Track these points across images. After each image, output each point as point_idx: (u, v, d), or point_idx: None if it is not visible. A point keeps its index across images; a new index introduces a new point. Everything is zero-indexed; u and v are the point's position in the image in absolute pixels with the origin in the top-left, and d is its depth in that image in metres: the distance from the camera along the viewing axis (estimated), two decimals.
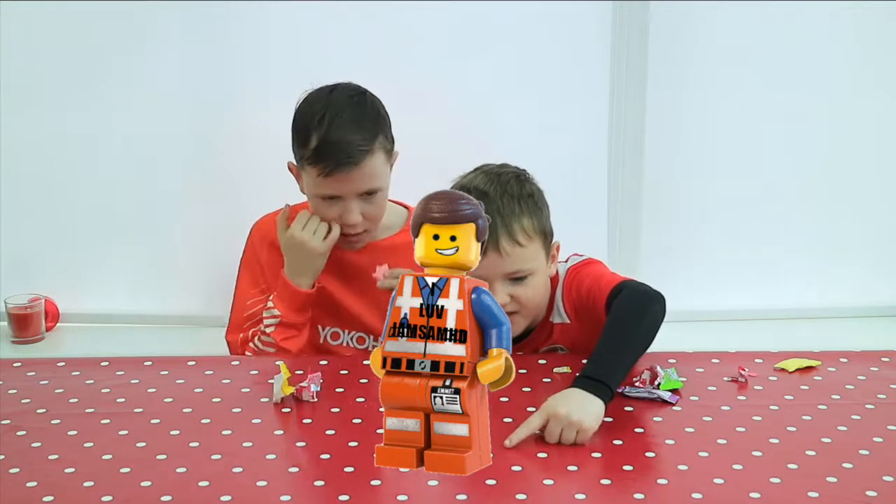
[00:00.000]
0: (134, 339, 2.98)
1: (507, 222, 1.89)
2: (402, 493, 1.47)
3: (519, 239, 1.89)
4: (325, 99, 2.13)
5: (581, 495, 1.47)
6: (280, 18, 2.86)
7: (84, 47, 2.89)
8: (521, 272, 1.91)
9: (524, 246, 1.90)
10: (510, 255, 1.88)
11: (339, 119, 2.08)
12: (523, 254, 1.90)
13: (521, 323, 1.97)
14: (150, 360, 1.95)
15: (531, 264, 1.92)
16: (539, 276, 1.95)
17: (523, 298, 1.92)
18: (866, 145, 3.03)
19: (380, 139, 2.12)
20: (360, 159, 2.08)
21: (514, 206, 1.90)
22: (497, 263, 1.88)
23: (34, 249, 3.05)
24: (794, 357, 1.93)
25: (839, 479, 1.52)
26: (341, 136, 2.07)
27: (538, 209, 1.95)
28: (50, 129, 2.95)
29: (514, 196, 1.92)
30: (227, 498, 1.46)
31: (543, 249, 1.95)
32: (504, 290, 1.91)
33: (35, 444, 1.63)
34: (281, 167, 2.39)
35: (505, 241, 1.88)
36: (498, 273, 1.89)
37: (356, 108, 2.12)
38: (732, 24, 2.92)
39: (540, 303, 1.98)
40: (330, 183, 2.10)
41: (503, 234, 1.87)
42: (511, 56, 2.92)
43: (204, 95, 2.93)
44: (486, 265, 1.74)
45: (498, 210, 1.88)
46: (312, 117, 2.10)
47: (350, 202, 2.12)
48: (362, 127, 2.09)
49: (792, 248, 3.08)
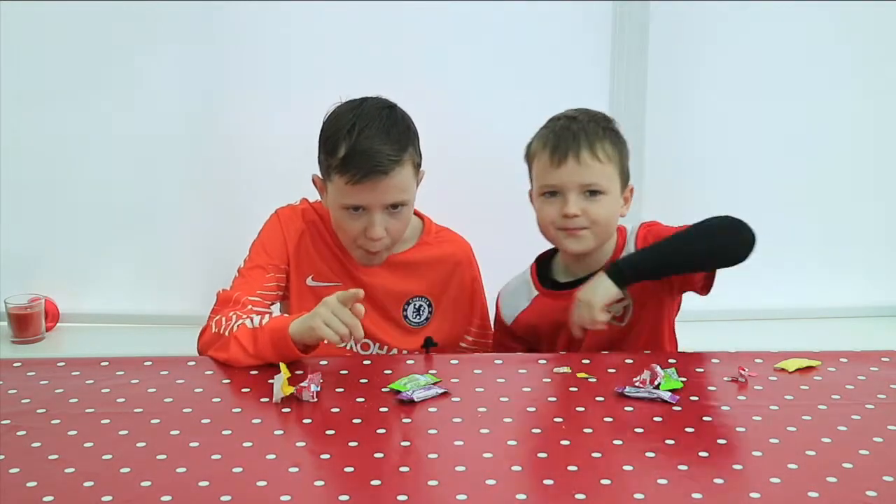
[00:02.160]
0: (134, 339, 2.98)
1: (590, 140, 2.05)
2: (402, 493, 1.47)
3: (598, 155, 2.04)
4: (355, 110, 2.10)
5: (581, 495, 1.47)
6: (280, 19, 2.87)
7: (84, 47, 2.90)
8: (595, 185, 2.04)
9: (602, 162, 2.05)
10: (589, 166, 2.03)
11: (368, 129, 2.06)
12: (601, 169, 2.05)
13: (590, 240, 2.08)
14: (150, 360, 1.95)
15: (605, 183, 2.05)
16: (611, 198, 2.07)
17: (594, 214, 2.05)
18: (867, 145, 3.03)
19: (409, 151, 2.10)
20: (390, 169, 2.05)
21: (598, 131, 2.07)
22: (576, 172, 2.03)
23: (34, 249, 3.05)
24: (794, 357, 1.93)
25: (839, 479, 1.52)
26: (371, 145, 2.04)
27: (620, 143, 2.10)
28: (50, 129, 2.96)
29: (599, 124, 2.09)
30: (227, 498, 1.46)
31: (619, 179, 2.08)
32: (578, 202, 2.04)
33: (35, 444, 1.63)
34: (281, 167, 2.40)
35: (586, 152, 2.04)
36: (574, 183, 2.04)
37: (386, 120, 2.09)
38: (732, 24, 2.92)
39: (608, 225, 2.08)
40: (357, 192, 2.06)
41: (584, 147, 2.04)
42: (511, 56, 2.92)
43: (204, 96, 2.93)
44: (564, 174, 2.04)
45: (583, 129, 2.06)
46: (342, 127, 2.07)
47: (375, 214, 2.08)
48: (392, 138, 2.07)
49: (792, 249, 3.08)
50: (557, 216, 2.06)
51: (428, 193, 2.36)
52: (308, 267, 2.22)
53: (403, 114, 2.15)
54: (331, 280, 2.21)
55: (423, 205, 2.32)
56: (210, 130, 2.96)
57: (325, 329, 1.90)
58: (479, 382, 1.85)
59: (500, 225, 2.90)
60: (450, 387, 1.81)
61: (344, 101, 2.15)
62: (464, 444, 1.62)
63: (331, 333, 1.89)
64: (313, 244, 2.22)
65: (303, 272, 2.22)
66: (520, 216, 2.95)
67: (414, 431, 1.68)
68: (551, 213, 2.07)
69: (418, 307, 2.24)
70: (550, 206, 2.07)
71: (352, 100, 2.14)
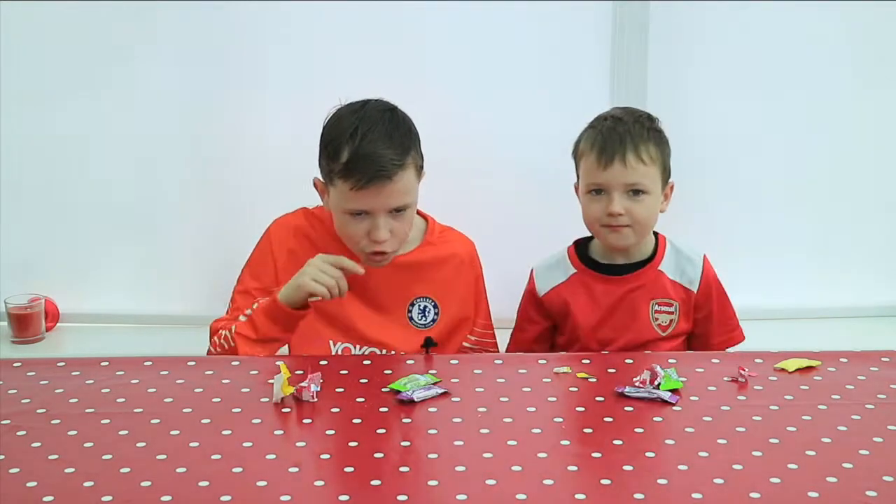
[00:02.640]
0: (134, 339, 2.98)
1: (635, 142, 2.17)
2: (402, 493, 1.47)
3: (643, 157, 2.16)
4: (357, 114, 2.10)
5: (581, 495, 1.47)
6: (281, 19, 2.86)
7: (84, 47, 2.89)
8: (638, 186, 2.16)
9: (647, 164, 2.17)
10: (634, 168, 2.15)
11: (371, 133, 2.05)
12: (645, 171, 2.17)
13: (631, 237, 2.20)
14: (150, 360, 1.95)
15: (649, 183, 2.17)
16: (653, 198, 2.19)
17: (636, 213, 2.17)
18: (867, 145, 3.02)
19: (412, 154, 2.10)
20: (394, 173, 2.05)
21: (643, 133, 2.19)
22: (621, 174, 2.15)
23: (34, 249, 3.04)
24: (794, 357, 1.93)
25: (839, 479, 1.52)
26: (375, 150, 2.04)
27: (663, 143, 2.22)
28: (50, 129, 2.95)
29: (644, 126, 2.21)
30: (227, 498, 1.47)
31: (661, 178, 2.20)
32: (622, 201, 2.16)
33: (35, 444, 1.63)
34: (281, 167, 2.39)
35: (631, 155, 2.15)
36: (620, 183, 2.16)
37: (388, 123, 2.09)
38: (732, 24, 2.92)
39: (649, 223, 2.22)
40: (361, 197, 2.06)
41: (630, 150, 2.15)
42: (511, 56, 2.91)
43: (204, 96, 2.93)
44: (610, 175, 2.17)
45: (628, 131, 2.18)
46: (344, 131, 2.07)
47: (379, 218, 2.08)
48: (395, 142, 2.07)
49: (792, 249, 3.07)
50: (602, 213, 2.18)
51: (429, 194, 2.36)
52: None
53: (405, 116, 2.15)
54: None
55: (424, 206, 2.32)
56: (210, 130, 2.95)
57: (311, 283, 2.00)
58: (479, 382, 1.85)
59: (502, 224, 2.90)
60: (450, 387, 1.81)
61: (344, 105, 2.15)
62: (464, 444, 1.62)
63: (317, 286, 2.00)
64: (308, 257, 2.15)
65: None
66: (521, 215, 2.97)
67: (414, 431, 1.68)
68: (597, 210, 2.19)
69: (423, 308, 2.24)
70: (596, 204, 2.19)
71: (352, 103, 2.14)
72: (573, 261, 2.28)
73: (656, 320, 2.22)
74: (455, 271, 2.27)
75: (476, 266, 2.31)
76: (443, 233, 2.30)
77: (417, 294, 2.23)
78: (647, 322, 2.21)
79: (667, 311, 2.23)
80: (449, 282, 2.26)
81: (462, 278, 2.27)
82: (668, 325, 2.22)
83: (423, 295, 2.24)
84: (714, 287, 2.28)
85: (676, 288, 2.24)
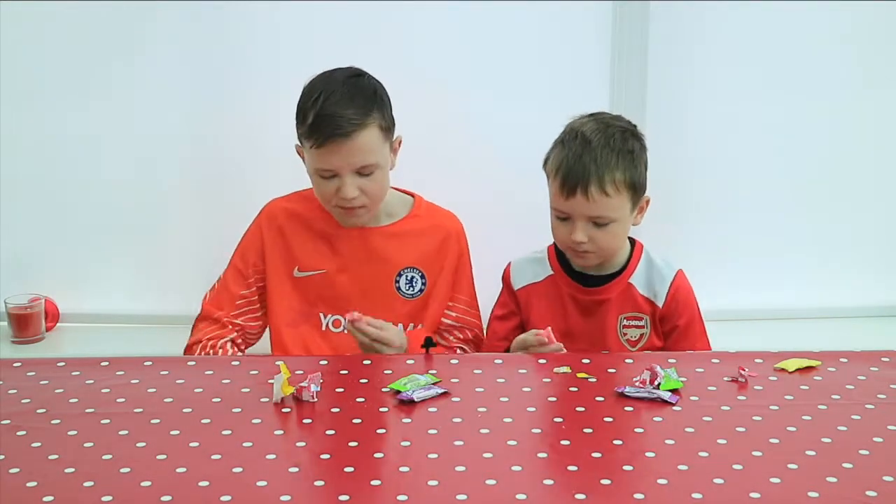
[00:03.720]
0: (134, 339, 2.97)
1: (600, 173, 2.09)
2: (402, 493, 1.47)
3: (607, 189, 2.09)
4: (324, 79, 2.23)
5: (581, 495, 1.47)
6: (280, 19, 2.86)
7: (84, 47, 2.89)
8: (602, 218, 2.12)
9: (610, 196, 2.10)
10: (596, 201, 2.10)
11: (333, 96, 2.17)
12: (608, 203, 2.10)
13: (593, 260, 2.17)
14: (150, 360, 1.95)
15: (614, 214, 2.12)
16: (619, 224, 2.14)
17: (600, 241, 2.13)
18: (866, 145, 3.02)
19: (374, 115, 2.18)
20: (351, 131, 2.14)
21: (610, 159, 2.11)
22: (584, 206, 2.10)
23: (34, 249, 3.04)
24: (794, 357, 1.93)
25: (839, 479, 1.52)
26: (334, 111, 2.15)
27: (633, 165, 2.14)
28: (50, 129, 2.95)
29: (613, 150, 2.12)
30: (227, 498, 1.46)
31: (630, 202, 2.14)
32: (585, 230, 2.12)
33: (35, 444, 1.63)
34: (281, 166, 2.40)
35: (594, 188, 2.09)
36: (583, 214, 2.11)
37: (352, 87, 2.20)
38: (732, 24, 2.92)
39: (613, 248, 2.18)
40: (323, 155, 2.16)
41: (594, 182, 2.09)
42: (511, 56, 2.92)
43: (204, 96, 2.93)
44: (573, 206, 2.11)
45: (594, 160, 2.10)
46: (311, 95, 2.20)
47: (345, 177, 2.17)
48: (355, 102, 2.17)
49: (792, 248, 3.08)
50: (567, 237, 2.15)
51: (428, 192, 2.37)
52: (293, 259, 2.30)
53: (371, 80, 2.26)
54: (318, 268, 2.30)
55: None
56: (210, 130, 2.95)
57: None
58: (479, 382, 1.85)
59: (501, 223, 2.90)
60: (450, 387, 1.81)
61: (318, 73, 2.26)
62: (464, 444, 1.62)
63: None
64: (297, 235, 2.31)
65: (288, 266, 2.30)
66: (520, 213, 2.97)
67: (414, 431, 1.68)
68: (561, 233, 2.17)
69: (410, 278, 2.29)
70: (561, 227, 2.16)
71: (325, 71, 2.26)
72: (552, 262, 2.26)
73: (625, 335, 2.20)
74: (442, 244, 2.34)
75: (461, 241, 2.37)
76: (430, 208, 2.38)
77: (405, 264, 2.29)
78: (614, 336, 2.20)
79: (636, 325, 2.20)
80: (435, 252, 2.33)
81: (448, 251, 2.34)
82: (637, 339, 2.20)
83: (410, 265, 2.28)
84: (682, 303, 2.21)
85: (646, 301, 2.21)
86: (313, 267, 2.29)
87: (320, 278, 2.29)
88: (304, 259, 2.30)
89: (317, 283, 2.29)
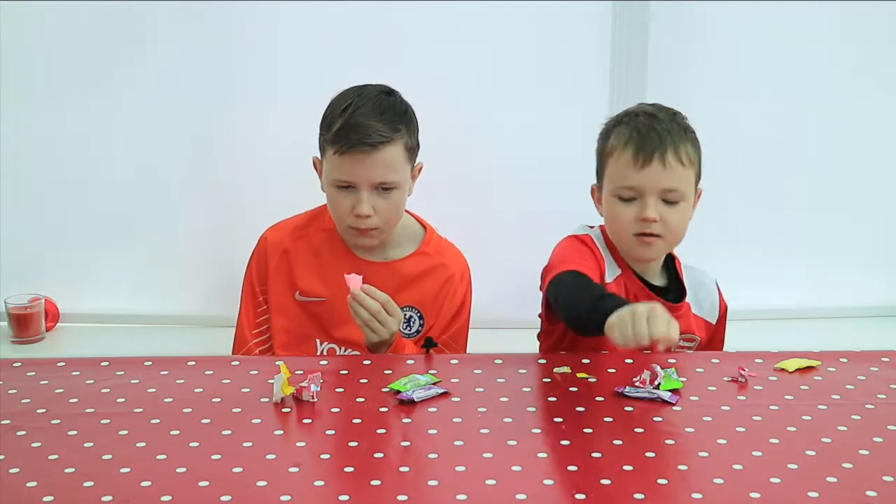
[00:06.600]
0: (134, 339, 2.98)
1: (675, 141, 1.99)
2: (402, 493, 1.47)
3: (682, 158, 2.00)
4: (356, 92, 2.20)
5: (581, 495, 1.47)
6: (281, 19, 2.86)
7: (84, 47, 2.89)
8: (675, 193, 2.00)
9: (685, 166, 2.00)
10: (673, 169, 1.98)
11: (364, 107, 2.15)
12: (683, 174, 2.00)
13: (662, 249, 2.05)
14: (150, 360, 1.95)
15: (685, 187, 2.01)
16: (686, 206, 2.03)
17: (670, 221, 2.00)
18: (866, 145, 3.03)
19: (402, 132, 2.16)
20: (378, 142, 2.12)
21: (681, 132, 2.02)
22: (660, 175, 1.98)
23: (34, 249, 3.05)
24: (794, 357, 1.93)
25: (839, 479, 1.52)
26: (363, 121, 2.13)
27: (698, 144, 2.06)
28: (50, 129, 2.95)
29: (681, 125, 2.04)
30: (227, 498, 1.46)
31: (694, 182, 2.05)
32: (657, 207, 1.99)
33: (35, 444, 1.63)
34: (281, 167, 2.39)
35: (671, 156, 1.98)
36: (655, 186, 1.99)
37: (383, 102, 2.18)
38: (732, 24, 2.92)
39: (679, 234, 2.05)
40: (345, 164, 2.13)
41: (670, 150, 1.98)
42: (511, 56, 2.92)
43: (204, 96, 2.93)
44: (646, 177, 1.98)
45: (668, 130, 2.00)
46: (340, 105, 2.17)
47: (363, 192, 2.14)
48: (385, 117, 2.15)
49: (792, 249, 3.08)
50: (634, 220, 2.00)
51: (428, 193, 2.36)
52: (295, 283, 2.26)
53: (403, 100, 2.23)
54: (318, 294, 2.25)
55: (423, 205, 2.33)
56: (211, 131, 2.95)
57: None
58: (479, 382, 1.85)
59: (501, 223, 2.90)
60: (450, 387, 1.81)
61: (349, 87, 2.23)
62: (464, 444, 1.62)
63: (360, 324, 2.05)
64: (300, 259, 2.26)
65: (290, 289, 2.26)
66: (520, 214, 2.97)
67: (414, 431, 1.68)
68: (627, 216, 2.01)
69: (409, 318, 2.25)
70: (627, 210, 2.01)
71: (356, 85, 2.22)
72: (618, 260, 2.08)
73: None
74: (444, 285, 2.27)
75: (465, 284, 2.30)
76: (439, 244, 2.31)
77: (404, 303, 2.23)
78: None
79: (688, 347, 2.13)
80: (435, 295, 2.27)
81: (449, 296, 2.27)
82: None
83: (410, 304, 2.25)
84: (723, 314, 2.19)
85: (699, 322, 2.16)
86: (316, 293, 2.25)
87: (319, 305, 2.24)
88: (308, 283, 2.26)
89: (316, 309, 2.25)
